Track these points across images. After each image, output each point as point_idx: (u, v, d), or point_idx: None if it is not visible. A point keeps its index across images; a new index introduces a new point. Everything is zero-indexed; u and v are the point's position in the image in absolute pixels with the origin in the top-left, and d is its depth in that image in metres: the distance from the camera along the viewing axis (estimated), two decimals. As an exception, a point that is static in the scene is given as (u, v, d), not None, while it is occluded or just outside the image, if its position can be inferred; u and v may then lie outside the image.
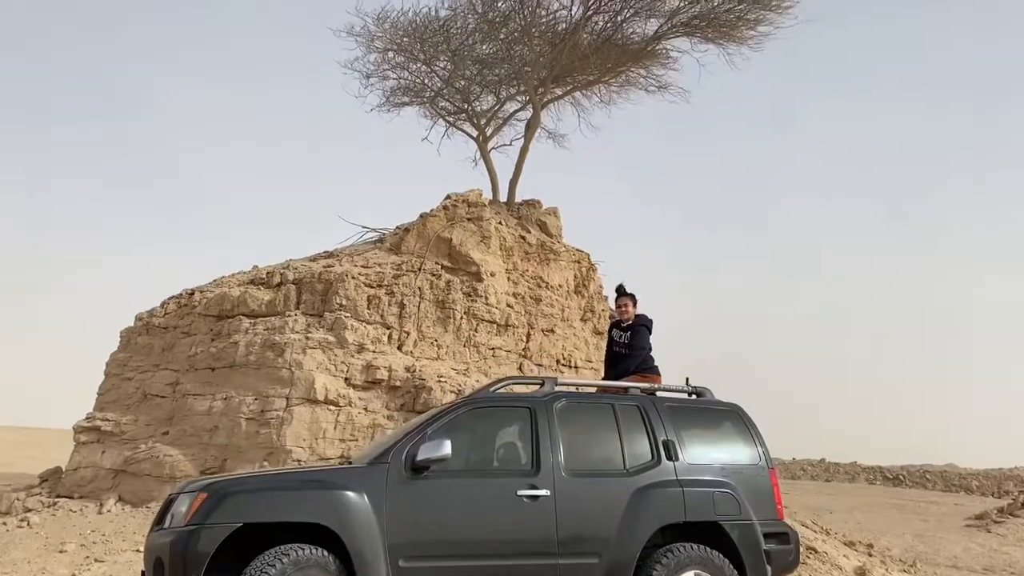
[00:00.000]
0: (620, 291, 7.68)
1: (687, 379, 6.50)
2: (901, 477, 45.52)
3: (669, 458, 5.72)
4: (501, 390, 5.90)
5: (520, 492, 5.16)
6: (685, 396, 6.44)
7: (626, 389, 6.29)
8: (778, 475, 6.22)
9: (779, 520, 5.88)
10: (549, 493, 5.20)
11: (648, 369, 7.00)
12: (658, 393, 6.36)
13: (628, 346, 7.32)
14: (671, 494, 5.52)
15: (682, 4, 15.26)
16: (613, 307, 7.90)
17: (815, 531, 12.68)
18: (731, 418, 6.30)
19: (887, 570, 11.60)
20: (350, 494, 4.81)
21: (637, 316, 7.47)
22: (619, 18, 15.41)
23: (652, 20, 15.72)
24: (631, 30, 15.85)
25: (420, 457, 5.01)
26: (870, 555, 12.58)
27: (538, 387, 5.98)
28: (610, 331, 7.89)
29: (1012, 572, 15.00)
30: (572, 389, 6.31)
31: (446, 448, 5.00)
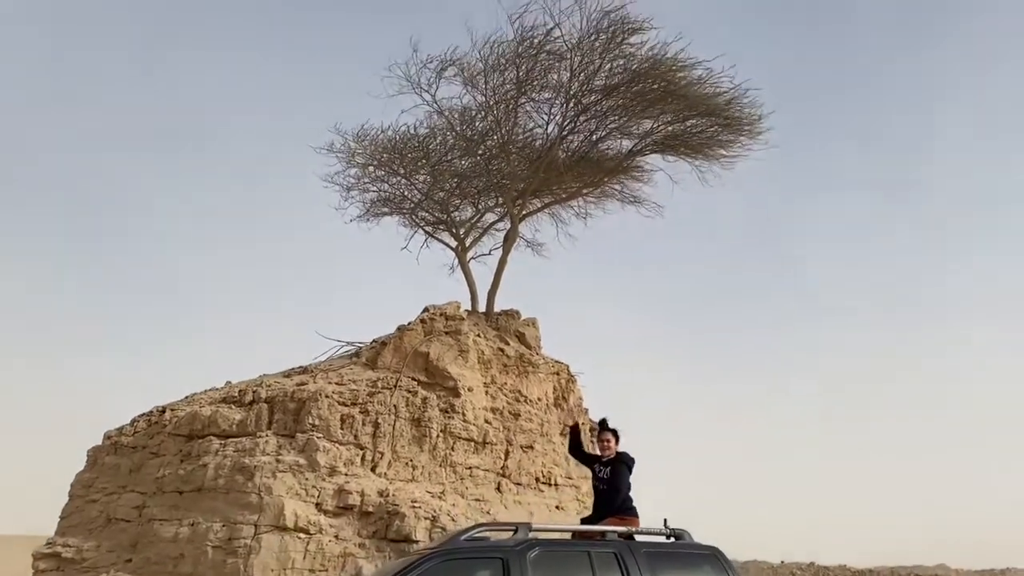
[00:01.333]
0: (603, 426, 7.61)
1: (665, 521, 6.36)
2: (891, 582, 44.51)
3: (647, 610, 5.52)
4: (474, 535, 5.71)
5: None
6: (663, 539, 6.27)
7: (603, 534, 6.12)
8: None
9: None
10: None
11: (627, 511, 6.85)
12: (636, 537, 6.20)
13: (608, 483, 7.20)
14: (649, 653, 5.30)
15: (656, 125, 15.78)
16: (595, 441, 7.79)
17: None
18: (710, 561, 6.13)
19: None
20: None
21: (619, 453, 7.38)
22: (594, 137, 15.88)
23: (626, 139, 16.23)
24: (606, 147, 16.33)
25: (387, 618, 4.79)
26: None
27: (512, 533, 5.80)
28: (592, 464, 7.78)
29: None
30: (547, 535, 6.14)
31: None
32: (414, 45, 15.12)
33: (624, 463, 7.23)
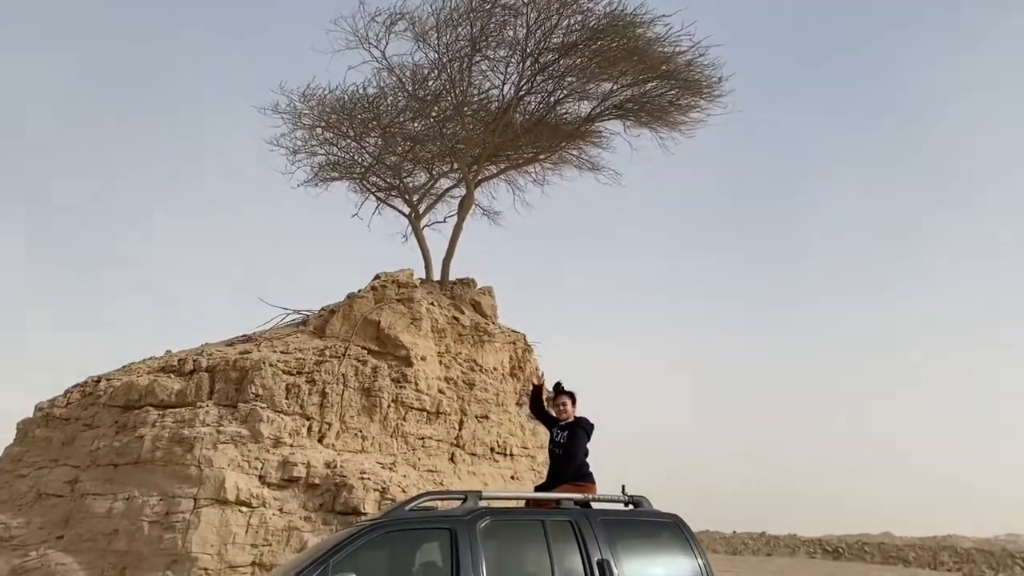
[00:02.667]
0: (558, 389, 7.23)
1: (623, 487, 6.02)
2: (840, 550, 45.45)
3: (604, 581, 5.19)
4: (419, 506, 5.31)
5: None
6: (621, 507, 5.94)
7: (558, 501, 5.76)
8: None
9: None
10: None
11: (583, 477, 6.50)
12: (593, 504, 5.86)
13: (564, 448, 6.84)
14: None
15: (615, 87, 15.33)
16: (551, 407, 7.42)
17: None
18: (670, 530, 5.82)
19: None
20: None
21: (577, 418, 7.03)
22: (552, 99, 15.38)
23: (585, 102, 15.77)
24: (564, 111, 15.85)
25: (321, 596, 4.37)
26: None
27: (461, 502, 5.41)
28: (550, 427, 7.42)
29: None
30: (499, 503, 5.76)
31: None
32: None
33: (582, 428, 6.88)
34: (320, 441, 11.20)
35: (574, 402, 7.18)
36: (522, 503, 6.10)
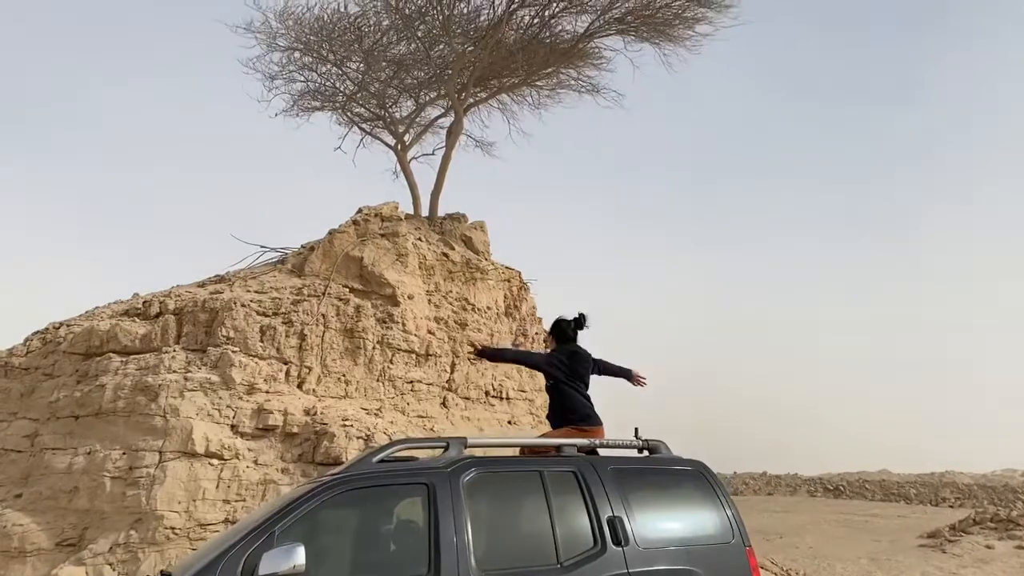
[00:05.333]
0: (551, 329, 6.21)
1: (636, 430, 5.07)
2: (841, 488, 45.35)
3: (616, 542, 4.28)
4: (392, 457, 4.35)
5: None
6: (635, 453, 5.00)
7: (559, 448, 4.82)
8: (756, 554, 4.81)
9: None
10: None
11: (586, 419, 5.49)
12: (600, 451, 4.92)
13: (560, 369, 5.75)
14: (620, 598, 4.07)
15: (615, -1, 14.04)
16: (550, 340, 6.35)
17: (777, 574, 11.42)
18: (693, 479, 4.90)
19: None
20: None
21: (556, 347, 6.00)
22: (547, 13, 14.11)
23: (583, 16, 14.48)
24: (560, 27, 14.59)
25: (263, 572, 3.44)
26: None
27: (441, 451, 4.47)
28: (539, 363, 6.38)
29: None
30: (487, 452, 4.81)
31: (297, 557, 3.44)
32: None
33: (559, 355, 5.78)
34: (299, 387, 10.27)
35: (550, 333, 6.14)
36: (516, 451, 5.16)
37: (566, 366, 5.70)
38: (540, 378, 12.20)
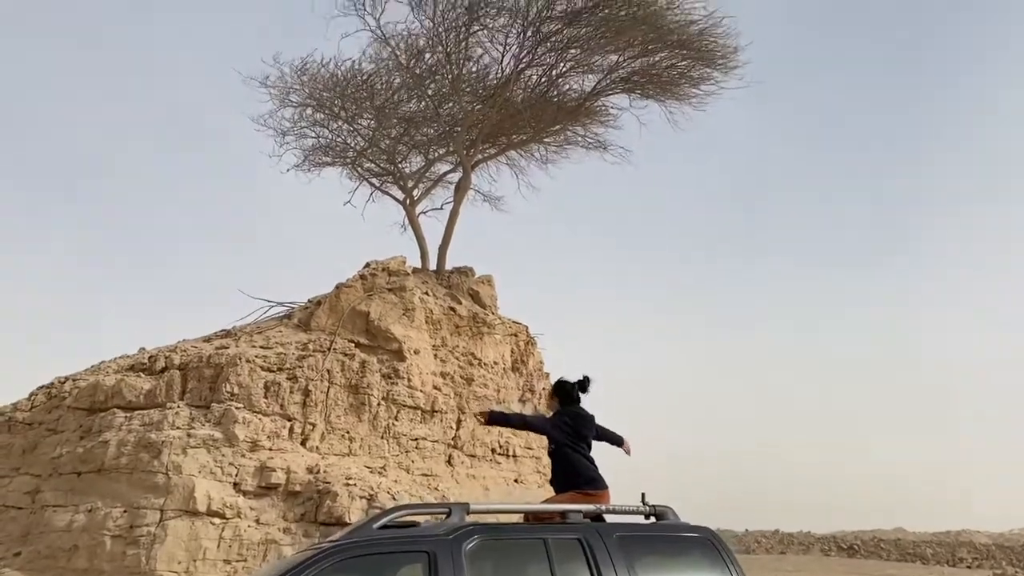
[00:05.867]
0: (554, 389, 6.11)
1: (643, 496, 4.96)
2: (855, 547, 44.36)
3: (623, 614, 4.14)
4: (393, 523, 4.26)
5: None
6: (641, 519, 4.89)
7: (564, 514, 4.71)
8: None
9: None
10: None
11: (592, 483, 5.38)
12: (607, 517, 4.81)
13: (565, 432, 5.64)
14: None
15: (621, 59, 14.28)
16: (548, 399, 6.27)
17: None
18: (701, 547, 4.76)
19: None
20: None
21: (561, 409, 5.89)
22: (554, 72, 14.33)
23: (589, 76, 14.72)
24: (567, 86, 14.82)
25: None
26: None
27: (443, 517, 4.37)
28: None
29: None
30: (490, 518, 4.71)
31: None
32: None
33: (564, 416, 5.67)
34: (302, 444, 10.18)
35: (552, 394, 6.04)
36: (519, 517, 5.05)
37: (571, 428, 5.60)
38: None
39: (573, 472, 5.42)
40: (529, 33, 13.64)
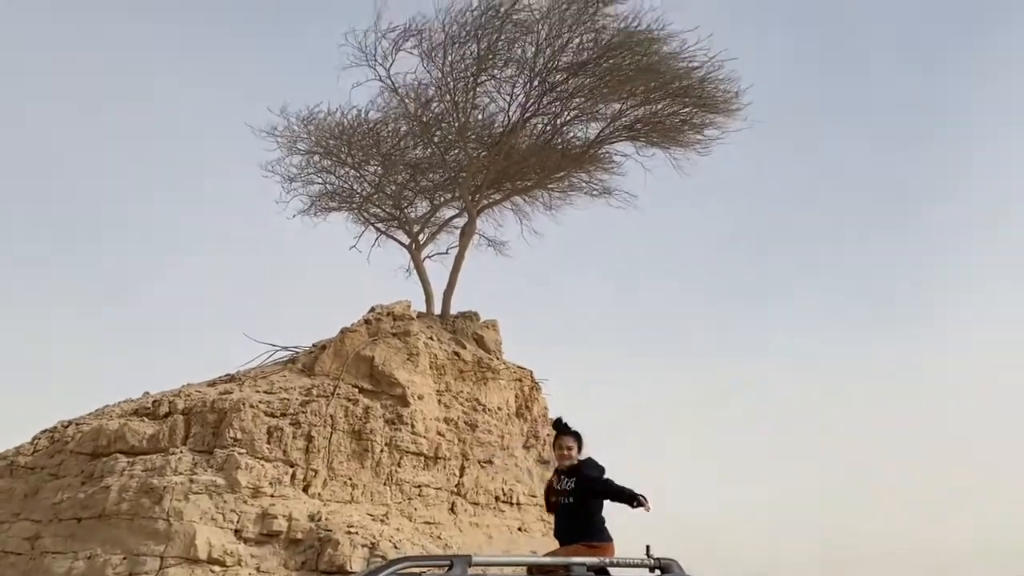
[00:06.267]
0: (561, 428, 6.06)
1: (648, 548, 4.92)
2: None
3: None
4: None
5: None
6: (646, 573, 4.84)
7: (567, 567, 4.67)
8: None
9: None
10: None
11: (598, 535, 5.33)
12: (611, 570, 4.77)
13: (575, 496, 5.61)
14: None
15: (624, 107, 14.51)
16: (551, 449, 6.25)
17: None
18: (707, 602, 4.70)
19: None
20: None
21: (583, 461, 5.84)
22: (559, 120, 14.56)
23: (594, 123, 14.94)
24: (572, 133, 15.03)
25: None
26: None
27: (446, 569, 4.34)
28: (550, 480, 6.24)
29: None
30: (494, 570, 4.67)
31: None
32: (377, 12, 13.64)
33: (594, 471, 5.66)
34: (304, 490, 10.11)
35: (580, 444, 6.00)
36: (523, 569, 5.00)
37: (585, 479, 5.62)
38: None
39: (579, 524, 5.39)
40: (535, 83, 13.90)
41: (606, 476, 5.68)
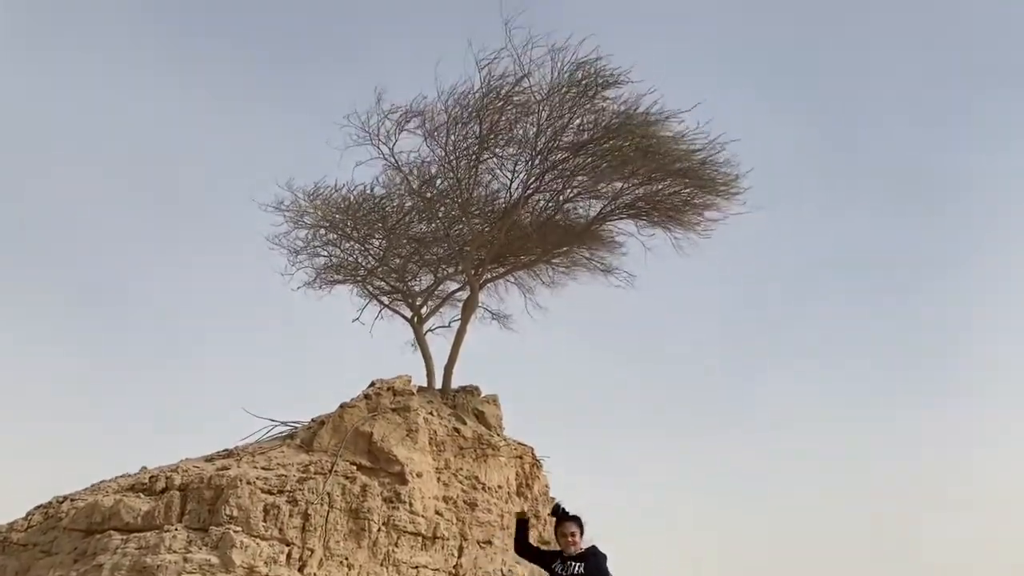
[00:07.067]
0: (561, 515, 6.03)
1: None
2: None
3: None
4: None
5: None
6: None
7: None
8: None
9: None
10: None
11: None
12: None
13: None
14: None
15: (625, 186, 14.76)
16: (555, 535, 6.22)
17: None
18: None
19: None
20: None
21: (589, 548, 5.82)
22: (561, 198, 14.81)
23: (596, 201, 15.18)
24: (574, 210, 15.26)
25: None
26: None
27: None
28: (550, 563, 6.19)
29: None
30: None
31: None
32: (378, 94, 14.01)
33: (601, 558, 5.65)
34: (300, 570, 9.92)
35: (582, 530, 5.99)
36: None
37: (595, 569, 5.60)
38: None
39: None
40: (537, 161, 14.18)
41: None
